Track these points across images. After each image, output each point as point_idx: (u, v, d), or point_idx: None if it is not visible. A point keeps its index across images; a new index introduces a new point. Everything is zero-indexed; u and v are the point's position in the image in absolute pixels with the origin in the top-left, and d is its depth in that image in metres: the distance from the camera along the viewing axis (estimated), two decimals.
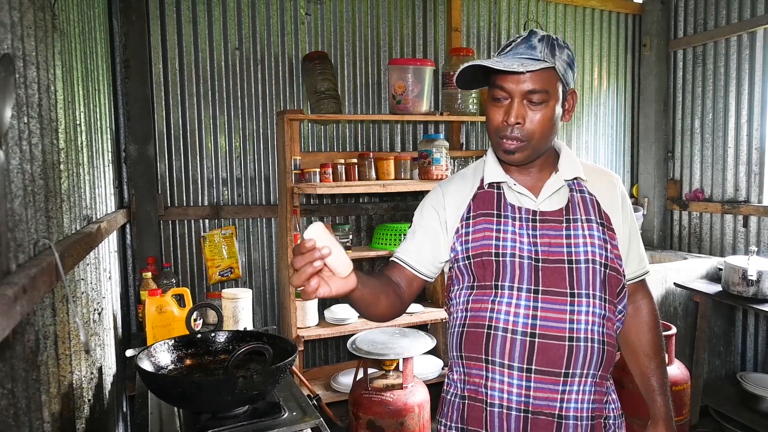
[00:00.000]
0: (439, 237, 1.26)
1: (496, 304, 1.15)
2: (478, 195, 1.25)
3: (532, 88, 1.12)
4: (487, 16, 3.64)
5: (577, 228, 1.18)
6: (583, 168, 1.26)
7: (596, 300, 1.15)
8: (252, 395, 1.31)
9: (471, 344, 1.18)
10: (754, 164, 3.47)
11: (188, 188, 3.03)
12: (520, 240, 1.17)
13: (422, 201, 1.34)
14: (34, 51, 1.11)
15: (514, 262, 1.15)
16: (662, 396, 1.28)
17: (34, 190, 1.07)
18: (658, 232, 4.04)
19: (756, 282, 2.81)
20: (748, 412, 2.94)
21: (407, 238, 1.31)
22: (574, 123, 3.96)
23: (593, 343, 1.13)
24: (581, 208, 1.21)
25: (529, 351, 1.11)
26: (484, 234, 1.19)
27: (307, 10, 3.20)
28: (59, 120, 1.34)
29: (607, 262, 1.18)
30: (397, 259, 1.29)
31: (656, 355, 1.31)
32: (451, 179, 1.33)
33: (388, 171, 3.04)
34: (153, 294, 2.18)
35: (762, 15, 3.32)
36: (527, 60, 1.11)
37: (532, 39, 1.14)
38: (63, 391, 1.24)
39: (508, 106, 1.15)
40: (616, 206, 1.25)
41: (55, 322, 1.18)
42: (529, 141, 1.15)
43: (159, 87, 2.92)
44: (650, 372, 1.30)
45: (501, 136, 1.17)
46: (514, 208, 1.20)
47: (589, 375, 1.14)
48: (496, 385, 1.14)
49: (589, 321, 1.13)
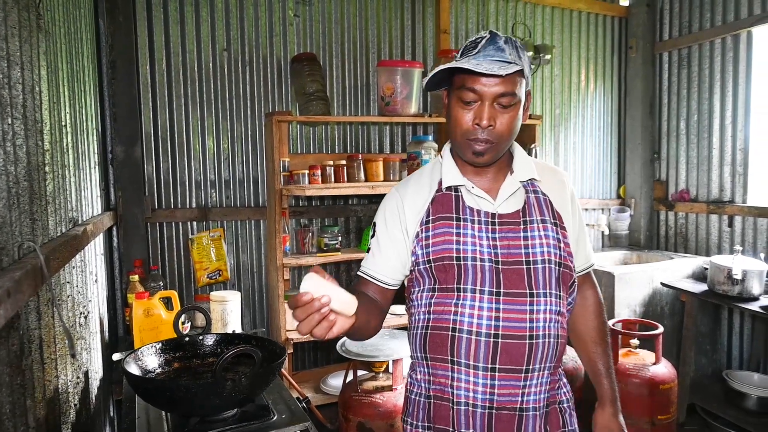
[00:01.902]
0: (403, 244, 1.27)
1: (460, 307, 1.17)
2: (436, 198, 1.25)
3: (503, 91, 1.13)
4: (475, 18, 3.66)
5: (534, 229, 1.21)
6: (536, 167, 1.29)
7: (553, 298, 1.19)
8: (241, 398, 1.30)
9: (436, 346, 1.21)
10: (738, 165, 3.52)
11: (176, 190, 3.01)
12: (480, 243, 1.19)
13: (381, 207, 1.33)
14: (19, 51, 1.10)
15: (476, 266, 1.17)
16: (608, 378, 1.35)
17: (19, 192, 1.06)
18: (645, 233, 4.08)
19: (741, 281, 2.84)
20: (734, 409, 2.98)
21: (373, 251, 1.30)
22: (561, 124, 3.99)
23: (550, 338, 1.18)
24: (536, 209, 1.24)
25: (493, 351, 1.15)
26: (444, 238, 1.20)
27: (296, 12, 3.19)
28: (44, 121, 1.33)
29: (561, 261, 1.22)
30: (366, 276, 1.29)
31: (602, 341, 1.38)
32: (407, 182, 1.33)
33: (377, 172, 3.04)
34: (140, 297, 2.16)
35: (745, 18, 3.37)
36: (500, 62, 1.11)
37: (498, 41, 1.14)
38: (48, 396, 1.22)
39: (479, 108, 1.15)
40: (566, 204, 1.30)
41: (40, 325, 1.16)
42: (498, 142, 1.17)
43: (146, 88, 2.90)
44: (597, 357, 1.37)
45: (471, 138, 1.17)
46: (473, 210, 1.22)
47: (546, 368, 1.20)
48: (462, 385, 1.18)
49: (547, 319, 1.18)
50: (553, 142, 3.98)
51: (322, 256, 2.92)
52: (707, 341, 3.46)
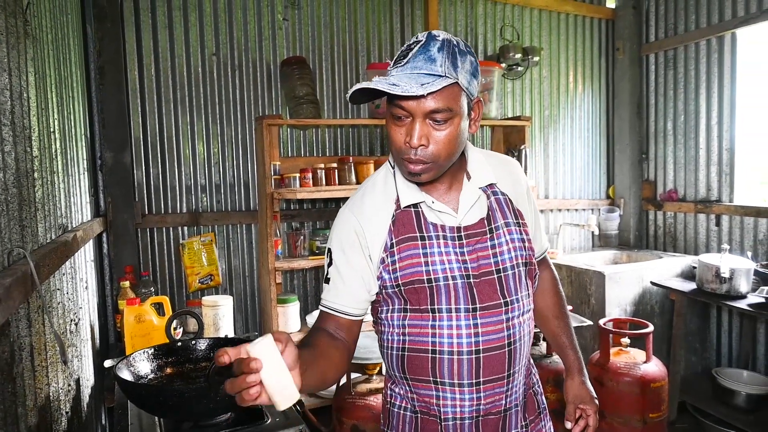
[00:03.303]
0: (367, 271, 1.16)
1: (437, 329, 1.13)
2: (397, 218, 1.16)
3: (434, 108, 1.03)
4: (464, 21, 3.68)
5: (501, 236, 1.18)
6: (488, 161, 1.24)
7: (524, 300, 1.20)
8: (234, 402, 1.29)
9: (416, 368, 1.17)
10: (724, 165, 3.56)
11: (166, 195, 3.00)
12: (449, 260, 1.13)
13: (336, 232, 1.20)
14: (6, 57, 1.09)
15: (448, 285, 1.12)
16: (572, 350, 1.39)
17: (8, 199, 1.05)
18: (634, 232, 4.12)
19: (729, 279, 2.87)
20: (723, 406, 3.01)
21: (334, 282, 1.17)
22: (550, 126, 4.02)
23: (525, 337, 1.19)
24: (499, 212, 1.21)
25: (476, 367, 1.13)
26: (411, 261, 1.13)
27: (285, 15, 3.19)
28: (32, 127, 1.32)
29: (527, 260, 1.21)
30: (329, 310, 1.17)
31: (562, 315, 1.41)
32: (361, 202, 1.20)
33: (368, 175, 3.04)
34: (131, 303, 2.15)
35: (729, 20, 3.41)
36: (427, 76, 1.01)
37: (431, 48, 1.03)
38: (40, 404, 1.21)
39: (410, 125, 1.06)
40: (522, 197, 1.27)
41: (30, 333, 1.16)
42: (434, 162, 1.08)
43: (135, 93, 2.89)
44: (560, 330, 1.40)
45: (404, 158, 1.08)
46: (437, 227, 1.15)
47: (524, 366, 1.22)
48: (449, 402, 1.16)
49: (521, 322, 1.18)
50: (543, 144, 4.00)
51: (314, 260, 2.92)
52: (697, 339, 3.50)
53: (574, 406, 1.36)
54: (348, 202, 1.22)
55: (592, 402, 1.35)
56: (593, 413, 1.34)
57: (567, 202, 4.07)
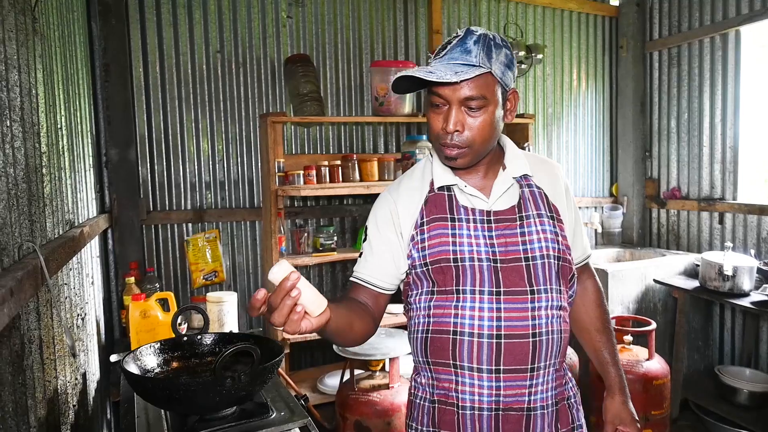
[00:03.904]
0: (397, 248, 1.23)
1: (460, 309, 1.15)
2: (429, 199, 1.22)
3: (469, 95, 1.10)
4: (467, 18, 3.68)
5: (531, 224, 1.19)
6: (528, 160, 1.27)
7: (554, 293, 1.18)
8: (240, 396, 1.31)
9: (437, 350, 1.19)
10: (728, 162, 3.56)
11: (171, 192, 3.01)
12: (477, 242, 1.17)
13: (373, 210, 1.29)
14: (16, 54, 1.11)
15: (474, 266, 1.15)
16: (615, 367, 1.35)
17: (18, 194, 1.07)
18: (637, 230, 4.12)
19: (732, 277, 2.88)
20: (726, 404, 3.01)
21: (365, 255, 1.26)
22: (554, 123, 4.02)
23: (554, 334, 1.17)
24: (532, 203, 1.22)
25: (496, 353, 1.13)
26: (440, 240, 1.18)
27: (289, 13, 3.20)
28: (41, 124, 1.34)
29: (560, 255, 1.20)
30: (359, 280, 1.25)
31: (606, 330, 1.37)
32: (398, 184, 1.29)
33: (371, 172, 3.06)
34: (137, 299, 2.16)
35: (733, 17, 3.41)
36: (461, 66, 1.08)
37: (468, 41, 1.10)
38: (48, 396, 1.23)
39: (447, 112, 1.13)
40: (561, 196, 1.27)
41: (39, 326, 1.17)
42: (470, 147, 1.14)
43: (140, 90, 2.90)
44: (602, 345, 1.36)
45: (441, 143, 1.15)
46: (467, 209, 1.20)
47: (552, 365, 1.18)
48: (467, 389, 1.16)
49: (549, 315, 1.16)
50: (546, 141, 4.01)
51: (318, 256, 2.93)
52: (699, 337, 3.50)
53: (613, 426, 1.32)
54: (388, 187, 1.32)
55: (633, 424, 1.30)
56: None
57: None
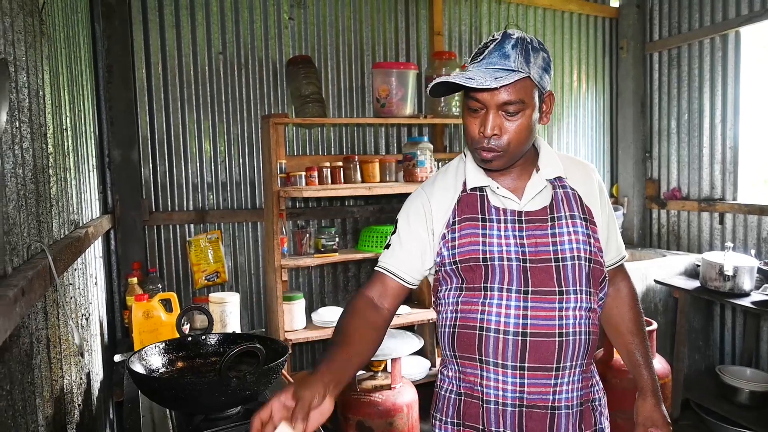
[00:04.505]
0: (427, 244, 1.25)
1: (487, 306, 1.16)
2: (462, 199, 1.24)
3: (507, 100, 1.10)
4: (468, 20, 3.69)
5: (562, 226, 1.19)
6: (562, 161, 1.27)
7: (583, 295, 1.18)
8: (245, 395, 1.32)
9: (463, 345, 1.20)
10: (728, 163, 3.57)
11: (173, 193, 3.02)
12: (506, 242, 1.18)
13: (406, 205, 1.31)
14: (24, 56, 1.12)
15: (503, 266, 1.16)
16: (647, 369, 1.33)
17: (26, 195, 1.08)
18: (637, 231, 4.13)
19: (732, 277, 2.89)
20: (727, 403, 3.02)
21: (394, 246, 1.27)
22: (554, 124, 4.03)
23: (581, 335, 1.17)
24: (564, 204, 1.22)
25: (521, 350, 1.14)
26: (470, 239, 1.19)
27: (291, 15, 3.21)
28: (47, 125, 1.34)
29: (591, 257, 1.20)
30: (386, 271, 1.26)
31: (639, 331, 1.37)
32: (433, 182, 1.31)
33: (373, 173, 3.07)
34: (140, 299, 2.17)
35: (732, 18, 3.42)
36: (500, 71, 1.08)
37: (506, 45, 1.10)
38: (55, 395, 1.24)
39: (484, 116, 1.13)
40: (594, 198, 1.27)
41: (47, 326, 1.18)
42: (506, 150, 1.14)
43: (142, 92, 2.91)
44: (634, 347, 1.36)
45: (478, 147, 1.16)
46: (499, 210, 1.20)
47: (578, 365, 1.18)
48: (491, 384, 1.17)
49: (577, 316, 1.16)
50: (547, 142, 4.00)
51: (320, 257, 2.94)
52: (700, 337, 3.51)
53: (645, 428, 1.30)
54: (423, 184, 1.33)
55: (666, 426, 1.29)
56: None
57: None
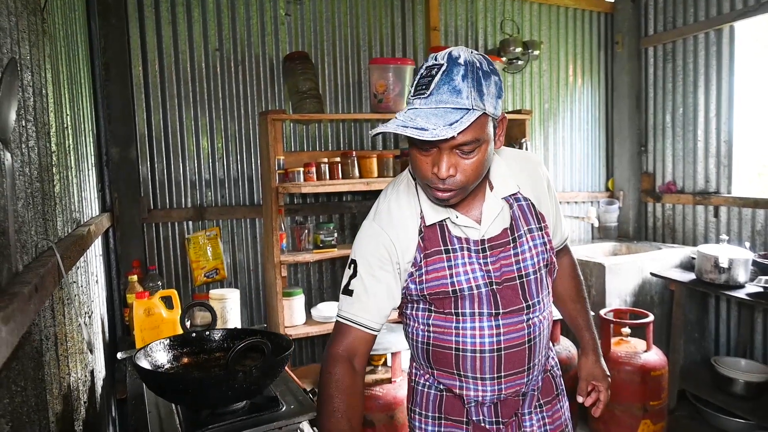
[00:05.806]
0: (393, 284, 1.19)
1: (461, 330, 1.19)
2: (424, 233, 1.18)
3: (463, 141, 1.01)
4: (464, 15, 3.70)
5: (523, 243, 1.21)
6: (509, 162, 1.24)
7: (545, 300, 1.25)
8: (251, 389, 1.33)
9: (440, 361, 1.24)
10: (723, 157, 3.60)
11: (171, 190, 3.02)
12: (473, 269, 1.16)
13: (363, 244, 1.20)
14: (29, 55, 1.12)
15: (473, 294, 1.17)
16: (588, 331, 1.46)
17: (33, 193, 1.08)
18: (633, 224, 4.16)
19: (727, 269, 2.92)
20: (722, 394, 3.06)
21: (358, 293, 1.19)
22: (550, 119, 4.05)
23: (545, 331, 1.26)
24: (522, 220, 1.21)
25: (497, 363, 1.19)
26: (436, 274, 1.17)
27: (287, 11, 3.21)
28: (51, 123, 1.35)
29: (548, 262, 1.26)
30: (351, 323, 1.19)
31: (580, 298, 1.47)
32: (389, 218, 1.19)
33: (371, 169, 3.08)
34: (140, 297, 2.17)
35: (727, 12, 3.45)
36: (453, 111, 0.97)
37: (455, 76, 0.98)
38: (63, 392, 1.25)
39: (437, 156, 1.03)
40: (544, 195, 1.28)
41: (54, 323, 1.19)
42: (464, 188, 1.08)
43: (139, 89, 2.91)
44: (576, 313, 1.47)
45: (432, 186, 1.07)
46: (461, 239, 1.18)
47: (544, 356, 1.29)
48: (471, 392, 1.23)
49: (541, 319, 1.24)
50: (543, 137, 4.04)
51: (318, 253, 2.95)
52: (696, 329, 3.55)
53: (587, 382, 1.42)
54: (374, 215, 1.22)
55: (605, 379, 1.41)
56: (605, 389, 1.41)
57: (567, 194, 4.11)
